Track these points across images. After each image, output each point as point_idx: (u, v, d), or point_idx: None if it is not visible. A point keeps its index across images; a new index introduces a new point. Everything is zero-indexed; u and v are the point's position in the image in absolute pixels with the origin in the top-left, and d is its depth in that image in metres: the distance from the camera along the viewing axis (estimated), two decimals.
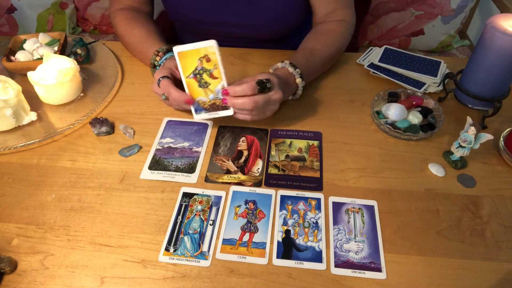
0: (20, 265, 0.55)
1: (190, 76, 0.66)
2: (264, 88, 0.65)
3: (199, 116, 0.69)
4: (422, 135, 0.71)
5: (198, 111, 0.69)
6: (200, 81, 0.66)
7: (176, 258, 0.56)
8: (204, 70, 0.65)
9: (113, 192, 0.64)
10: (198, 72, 0.65)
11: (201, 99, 0.68)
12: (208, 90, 0.67)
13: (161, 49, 0.79)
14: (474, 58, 0.73)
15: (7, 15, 1.46)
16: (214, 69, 0.65)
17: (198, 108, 0.68)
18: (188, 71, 0.66)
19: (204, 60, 0.64)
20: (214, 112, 0.68)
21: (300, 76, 0.74)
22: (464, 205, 0.62)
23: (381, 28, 1.52)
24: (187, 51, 0.64)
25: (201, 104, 0.68)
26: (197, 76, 0.66)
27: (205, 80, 0.66)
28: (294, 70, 0.74)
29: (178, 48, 0.64)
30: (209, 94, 0.67)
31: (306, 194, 0.63)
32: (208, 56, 0.64)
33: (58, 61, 0.77)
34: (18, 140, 0.71)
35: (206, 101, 0.67)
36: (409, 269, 0.54)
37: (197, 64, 0.65)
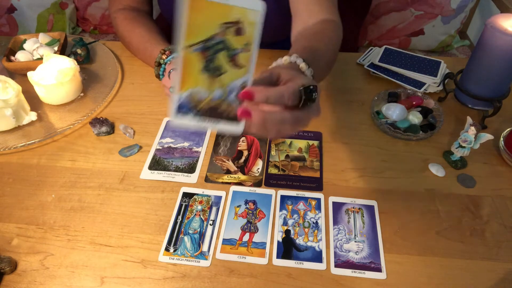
0: (20, 265, 0.55)
1: (197, 48, 0.38)
2: (309, 99, 0.41)
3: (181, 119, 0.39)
4: (422, 135, 0.71)
5: (183, 110, 0.39)
6: (211, 61, 0.39)
7: (176, 258, 0.56)
8: (224, 46, 0.39)
9: (113, 192, 0.64)
10: (213, 46, 0.38)
11: (198, 91, 0.39)
12: (217, 81, 0.40)
13: (167, 48, 0.76)
14: (474, 58, 0.73)
15: (7, 15, 1.46)
16: (244, 50, 0.40)
17: (185, 106, 0.39)
18: (196, 37, 0.38)
19: (232, 30, 0.39)
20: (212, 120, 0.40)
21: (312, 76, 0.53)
22: (464, 205, 0.62)
23: (381, 28, 1.52)
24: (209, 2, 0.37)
25: (194, 100, 0.39)
26: (208, 51, 0.38)
27: (219, 64, 0.39)
28: (307, 67, 0.52)
29: None
30: (215, 89, 0.40)
31: (306, 194, 0.63)
32: (242, 25, 0.39)
33: (58, 61, 0.77)
34: (18, 140, 0.71)
35: (205, 97, 0.39)
36: (409, 269, 0.54)
37: (217, 32, 0.38)
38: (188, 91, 0.39)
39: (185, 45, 0.37)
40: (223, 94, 0.40)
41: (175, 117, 0.39)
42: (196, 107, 0.39)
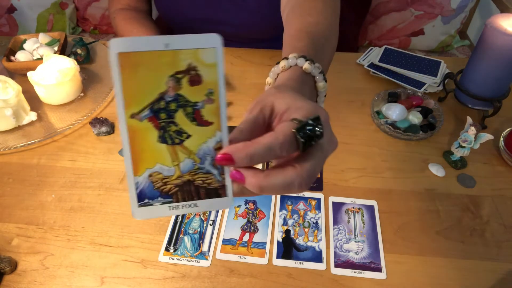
0: (20, 265, 0.55)
1: (144, 115, 0.30)
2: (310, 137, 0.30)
3: (145, 211, 0.30)
4: (422, 135, 0.71)
5: (147, 198, 0.30)
6: (166, 127, 0.30)
7: (176, 258, 0.55)
8: (180, 105, 0.30)
9: (113, 192, 0.64)
10: (165, 108, 0.30)
11: (160, 169, 0.30)
12: (182, 149, 0.31)
13: None
14: (474, 58, 0.73)
15: (7, 15, 1.46)
16: (207, 102, 0.30)
17: (148, 192, 0.30)
18: (139, 102, 0.29)
19: (185, 78, 0.30)
20: (186, 203, 0.31)
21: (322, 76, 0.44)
22: (464, 205, 0.62)
23: (381, 28, 1.52)
24: (145, 53, 0.28)
25: (156, 181, 0.30)
26: (158, 116, 0.30)
27: (178, 128, 0.30)
28: (313, 65, 0.42)
29: (120, 44, 0.28)
30: (182, 159, 0.31)
31: (306, 194, 0.63)
32: (197, 69, 0.30)
33: (58, 61, 0.77)
34: (18, 140, 0.71)
35: (172, 175, 0.31)
36: (409, 269, 0.54)
37: (165, 89, 0.29)
38: (146, 173, 0.30)
39: (127, 116, 0.29)
40: (195, 164, 0.31)
41: (138, 212, 0.30)
42: (163, 190, 0.30)
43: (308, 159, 0.30)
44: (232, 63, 0.90)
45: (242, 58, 0.91)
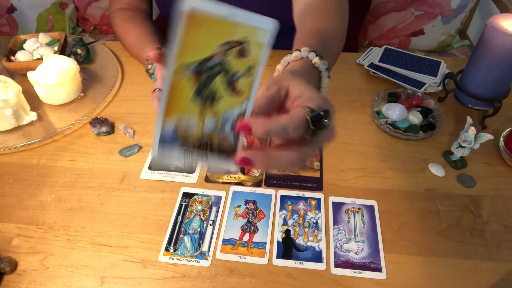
0: (20, 265, 0.55)
1: (190, 69, 0.31)
2: (319, 126, 0.34)
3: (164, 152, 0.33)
4: (422, 135, 0.71)
5: (168, 142, 0.33)
6: (205, 86, 0.32)
7: (176, 258, 0.56)
8: (223, 69, 0.32)
9: (113, 192, 0.64)
10: (210, 67, 0.32)
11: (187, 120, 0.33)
12: (211, 109, 0.33)
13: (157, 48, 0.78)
14: (474, 58, 0.73)
15: (7, 15, 1.46)
16: (245, 75, 0.33)
17: (170, 137, 0.32)
18: (191, 56, 0.31)
19: (235, 50, 0.32)
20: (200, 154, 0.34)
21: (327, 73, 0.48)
22: (464, 205, 0.62)
23: (381, 28, 1.52)
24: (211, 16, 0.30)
25: (181, 132, 0.33)
26: (202, 74, 0.32)
27: (214, 89, 0.33)
28: (321, 61, 0.46)
29: (193, 2, 0.29)
30: (208, 118, 0.33)
31: (306, 194, 0.63)
32: (247, 45, 0.32)
33: (58, 61, 0.77)
34: (18, 140, 0.71)
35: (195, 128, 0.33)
36: (409, 269, 0.54)
37: (215, 52, 0.31)
38: (175, 119, 0.32)
39: (177, 64, 0.30)
40: (217, 125, 0.33)
41: (158, 151, 0.32)
42: (184, 139, 0.33)
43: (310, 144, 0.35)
44: None
45: None
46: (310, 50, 0.46)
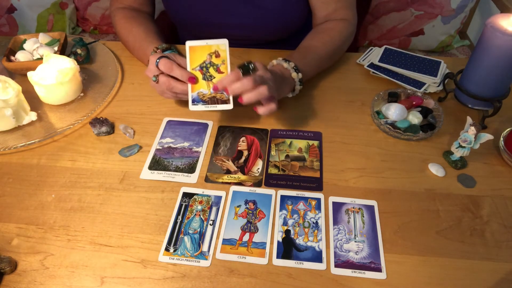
0: (20, 265, 0.55)
1: (196, 69, 0.68)
2: (248, 70, 0.64)
3: (195, 107, 0.68)
4: (422, 135, 0.71)
5: (196, 102, 0.68)
6: (206, 74, 0.68)
7: (176, 258, 0.56)
8: (211, 64, 0.68)
9: (113, 192, 0.64)
10: (205, 66, 0.68)
11: (202, 91, 0.68)
12: (212, 83, 0.68)
13: (160, 46, 0.80)
14: (474, 58, 0.73)
15: (7, 15, 1.46)
16: (222, 64, 0.68)
17: (196, 99, 0.68)
18: (195, 64, 0.68)
19: (213, 55, 0.68)
20: (212, 105, 0.67)
21: (295, 70, 0.74)
22: (464, 205, 0.62)
23: (381, 28, 1.52)
24: (198, 46, 0.68)
25: (201, 96, 0.68)
26: (203, 69, 0.68)
27: (211, 74, 0.68)
28: (288, 64, 0.74)
29: (191, 43, 0.68)
30: (211, 87, 0.68)
31: (306, 194, 0.63)
32: (218, 52, 0.68)
33: (58, 61, 0.77)
34: (18, 140, 0.71)
35: (207, 93, 0.68)
36: (409, 269, 0.54)
37: (206, 59, 0.68)
38: (196, 92, 0.69)
39: (191, 68, 0.69)
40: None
41: (192, 107, 0.68)
42: (203, 99, 0.69)
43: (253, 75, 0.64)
44: (232, 63, 0.90)
45: (242, 58, 0.91)
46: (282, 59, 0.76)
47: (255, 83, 0.62)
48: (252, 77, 0.62)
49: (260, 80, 0.63)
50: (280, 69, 0.74)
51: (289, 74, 0.74)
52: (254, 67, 0.65)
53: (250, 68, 0.65)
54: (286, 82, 0.73)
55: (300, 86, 0.76)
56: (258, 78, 0.63)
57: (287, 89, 0.75)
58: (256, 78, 0.63)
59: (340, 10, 0.86)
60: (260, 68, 0.66)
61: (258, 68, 0.66)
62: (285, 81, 0.73)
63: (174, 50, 0.82)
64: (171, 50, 0.80)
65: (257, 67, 0.66)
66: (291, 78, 0.74)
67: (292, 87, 0.75)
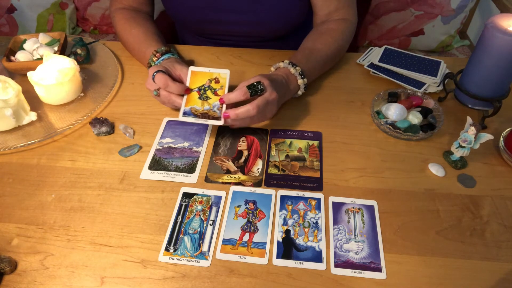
0: (20, 265, 0.55)
1: (195, 89, 0.71)
2: (256, 91, 0.66)
3: (185, 118, 0.68)
4: (422, 135, 0.71)
5: (186, 114, 0.68)
6: (202, 95, 0.70)
7: (176, 258, 0.56)
8: (209, 88, 0.71)
9: (113, 192, 0.64)
10: (204, 88, 0.71)
11: (195, 107, 0.69)
12: (206, 103, 0.70)
13: (159, 49, 0.80)
14: (474, 58, 0.73)
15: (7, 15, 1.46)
16: (220, 89, 0.71)
17: (188, 112, 0.68)
18: (195, 85, 0.71)
19: (213, 81, 0.71)
20: (203, 119, 0.67)
21: (301, 77, 0.75)
22: (464, 205, 0.62)
23: (381, 28, 1.52)
24: (201, 71, 0.72)
25: (193, 111, 0.69)
26: (201, 91, 0.71)
27: (207, 95, 0.70)
28: (295, 69, 0.74)
29: (194, 68, 0.72)
30: (205, 106, 0.69)
31: (306, 194, 0.63)
32: (218, 78, 0.72)
33: (58, 61, 0.77)
34: (18, 140, 0.71)
35: (200, 109, 0.69)
36: (409, 269, 0.54)
37: (205, 83, 0.71)
38: (189, 106, 0.69)
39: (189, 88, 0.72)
40: (210, 108, 0.69)
41: (181, 117, 0.68)
42: (195, 113, 0.69)
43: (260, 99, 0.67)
44: (232, 63, 0.90)
45: (242, 58, 0.91)
46: (289, 62, 0.76)
47: (259, 111, 0.66)
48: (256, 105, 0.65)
49: (263, 107, 0.66)
50: (287, 73, 0.74)
51: (295, 80, 0.75)
52: (262, 88, 0.67)
53: (259, 90, 0.66)
54: (290, 87, 0.74)
55: (304, 90, 0.77)
56: (262, 104, 0.66)
57: (290, 94, 0.76)
58: (260, 105, 0.65)
59: (341, 9, 0.86)
60: (268, 88, 0.67)
61: (266, 89, 0.67)
62: (289, 86, 0.74)
63: (174, 52, 0.82)
64: (170, 54, 0.80)
65: (266, 88, 0.67)
66: (296, 84, 0.75)
67: (295, 92, 0.77)
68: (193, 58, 0.92)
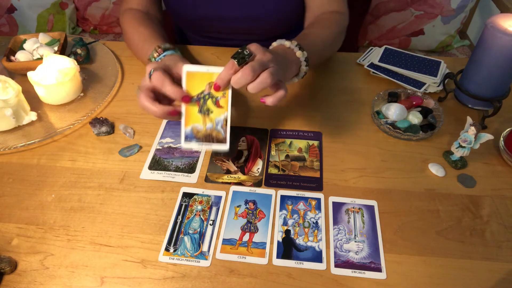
0: (20, 265, 0.55)
1: (193, 99, 0.59)
2: (243, 58, 0.55)
3: (188, 144, 0.59)
4: (422, 135, 0.71)
5: (189, 139, 0.59)
6: (203, 106, 0.59)
7: (176, 258, 0.56)
8: (210, 96, 0.58)
9: (113, 192, 0.64)
10: (203, 97, 0.58)
11: (197, 126, 0.59)
12: (208, 118, 0.59)
13: (163, 45, 0.74)
14: (474, 58, 0.73)
15: (7, 15, 1.46)
16: (222, 97, 0.58)
17: (190, 136, 0.59)
18: (192, 93, 0.59)
19: (214, 85, 0.58)
20: (207, 143, 0.59)
21: (299, 49, 0.66)
22: (464, 205, 0.62)
23: (381, 28, 1.52)
24: (197, 72, 0.58)
25: (195, 132, 0.59)
26: (200, 101, 0.59)
27: (208, 107, 0.59)
28: (291, 42, 0.66)
29: (188, 67, 0.58)
30: (207, 123, 0.59)
31: (306, 194, 0.63)
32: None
33: (58, 61, 0.77)
34: (18, 140, 0.71)
35: (202, 129, 0.59)
36: (409, 269, 0.54)
37: (205, 89, 0.58)
38: (190, 126, 0.59)
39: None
40: (213, 126, 0.59)
41: (184, 144, 0.60)
42: (197, 136, 0.60)
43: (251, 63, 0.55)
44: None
45: None
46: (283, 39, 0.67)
47: (254, 72, 0.54)
48: (250, 66, 0.54)
49: (259, 66, 0.55)
50: (282, 48, 0.65)
51: (293, 54, 0.66)
52: (249, 52, 0.56)
53: (246, 55, 0.55)
54: (290, 62, 0.65)
55: (306, 67, 0.67)
56: (257, 64, 0.55)
57: (293, 71, 0.66)
58: (254, 65, 0.55)
59: (333, 2, 0.85)
60: (257, 51, 0.57)
61: (255, 52, 0.57)
62: (289, 61, 0.65)
63: (177, 51, 0.77)
64: (173, 51, 0.75)
65: (253, 51, 0.57)
66: (295, 58, 0.66)
67: (297, 68, 0.67)
68: (193, 58, 0.92)
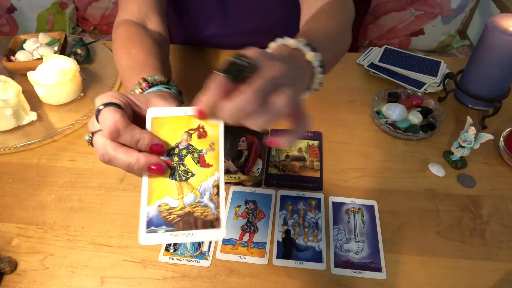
0: (20, 265, 0.55)
1: (162, 158, 0.38)
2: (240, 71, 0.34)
3: (151, 237, 0.35)
4: (422, 135, 0.71)
5: (154, 225, 0.36)
6: (176, 168, 0.38)
7: (176, 258, 0.56)
8: (189, 151, 0.38)
9: (113, 192, 0.64)
10: (178, 153, 0.38)
11: (167, 201, 0.37)
12: (187, 185, 0.37)
13: (151, 78, 0.49)
14: (474, 58, 0.73)
15: (7, 15, 1.46)
16: (209, 150, 0.38)
17: (155, 220, 0.36)
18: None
19: (195, 134, 0.38)
20: (186, 232, 0.36)
21: (311, 49, 0.44)
22: (464, 205, 0.62)
23: (381, 28, 1.52)
24: (169, 117, 0.39)
25: (164, 212, 0.36)
26: (173, 159, 0.38)
27: (186, 168, 0.38)
28: (296, 40, 0.44)
29: (154, 111, 0.39)
30: (186, 194, 0.37)
31: (306, 194, 0.63)
32: (204, 128, 0.39)
33: (58, 61, 0.77)
34: (18, 140, 0.71)
35: (177, 206, 0.37)
36: (409, 269, 0.54)
37: (181, 140, 0.38)
38: (155, 204, 0.36)
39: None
40: (195, 198, 0.37)
41: (144, 237, 0.35)
42: (167, 219, 0.36)
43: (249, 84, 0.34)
44: None
45: None
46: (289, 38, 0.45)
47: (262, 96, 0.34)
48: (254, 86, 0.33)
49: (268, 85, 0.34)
50: (288, 51, 0.44)
51: (302, 57, 0.44)
52: (250, 62, 0.34)
53: (245, 66, 0.34)
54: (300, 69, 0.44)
55: (322, 75, 0.47)
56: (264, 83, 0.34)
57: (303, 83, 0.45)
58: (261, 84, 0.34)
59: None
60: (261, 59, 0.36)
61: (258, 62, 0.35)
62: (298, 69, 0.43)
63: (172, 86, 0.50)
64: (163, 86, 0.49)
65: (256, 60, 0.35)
66: (305, 63, 0.44)
67: (309, 77, 0.46)
68: (189, 60, 0.91)
